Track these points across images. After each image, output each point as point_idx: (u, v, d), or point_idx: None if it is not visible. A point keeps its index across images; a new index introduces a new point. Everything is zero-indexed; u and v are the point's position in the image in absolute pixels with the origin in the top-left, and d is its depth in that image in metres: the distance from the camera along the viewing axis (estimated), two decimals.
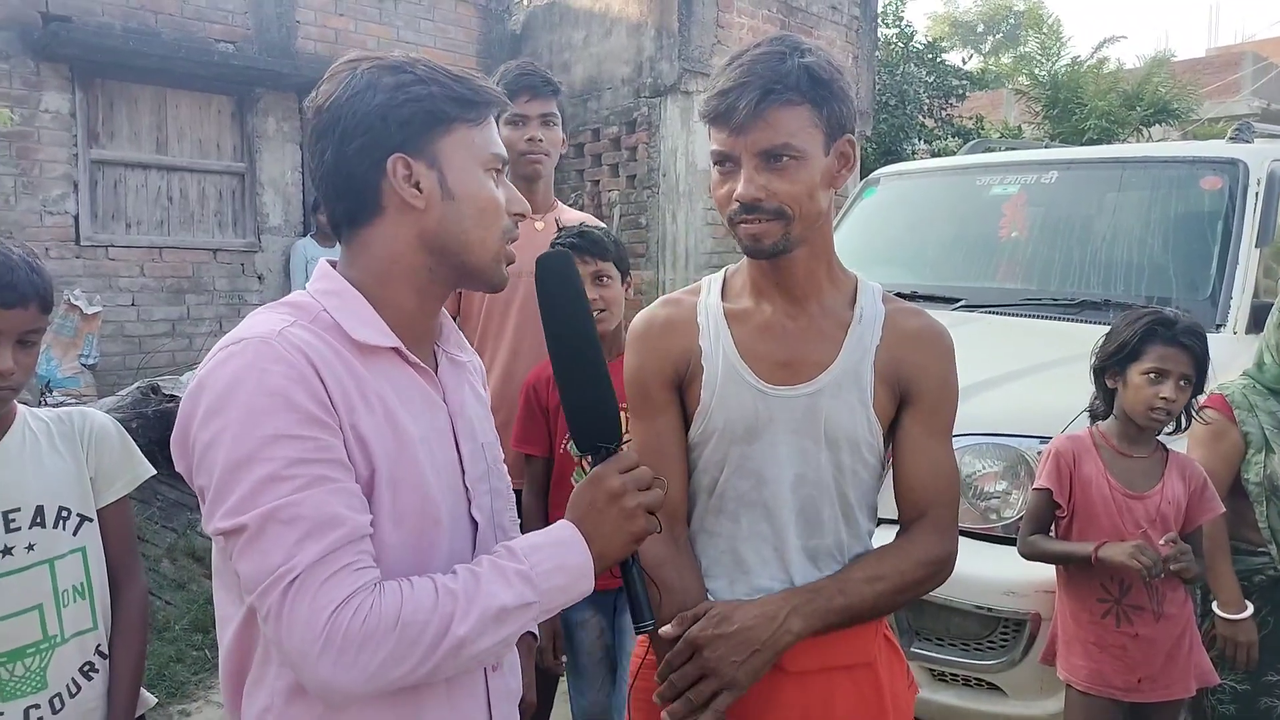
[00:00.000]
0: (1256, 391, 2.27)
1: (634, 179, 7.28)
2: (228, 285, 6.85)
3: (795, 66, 1.23)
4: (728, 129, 1.25)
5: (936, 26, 24.19)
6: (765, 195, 1.24)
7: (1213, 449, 2.24)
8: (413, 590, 0.93)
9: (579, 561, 1.02)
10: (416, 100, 1.03)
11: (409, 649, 0.91)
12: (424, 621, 0.92)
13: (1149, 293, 3.18)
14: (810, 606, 1.27)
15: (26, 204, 6.00)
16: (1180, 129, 10.94)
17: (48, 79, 6.03)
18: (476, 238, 1.07)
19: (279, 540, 0.90)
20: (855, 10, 8.33)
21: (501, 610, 0.96)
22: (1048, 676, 2.21)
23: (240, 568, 0.93)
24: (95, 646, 1.53)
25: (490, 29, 8.17)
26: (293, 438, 0.92)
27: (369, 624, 0.89)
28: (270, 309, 1.05)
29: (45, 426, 1.53)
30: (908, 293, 3.40)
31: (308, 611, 0.89)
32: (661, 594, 1.32)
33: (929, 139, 11.00)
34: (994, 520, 2.44)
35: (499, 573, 0.98)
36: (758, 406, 1.34)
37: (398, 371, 1.06)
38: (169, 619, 3.75)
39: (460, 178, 1.05)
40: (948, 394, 1.39)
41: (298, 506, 0.91)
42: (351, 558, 0.92)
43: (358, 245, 1.08)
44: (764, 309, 1.37)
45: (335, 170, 1.04)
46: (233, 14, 6.74)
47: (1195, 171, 3.43)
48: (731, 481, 1.36)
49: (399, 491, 1.01)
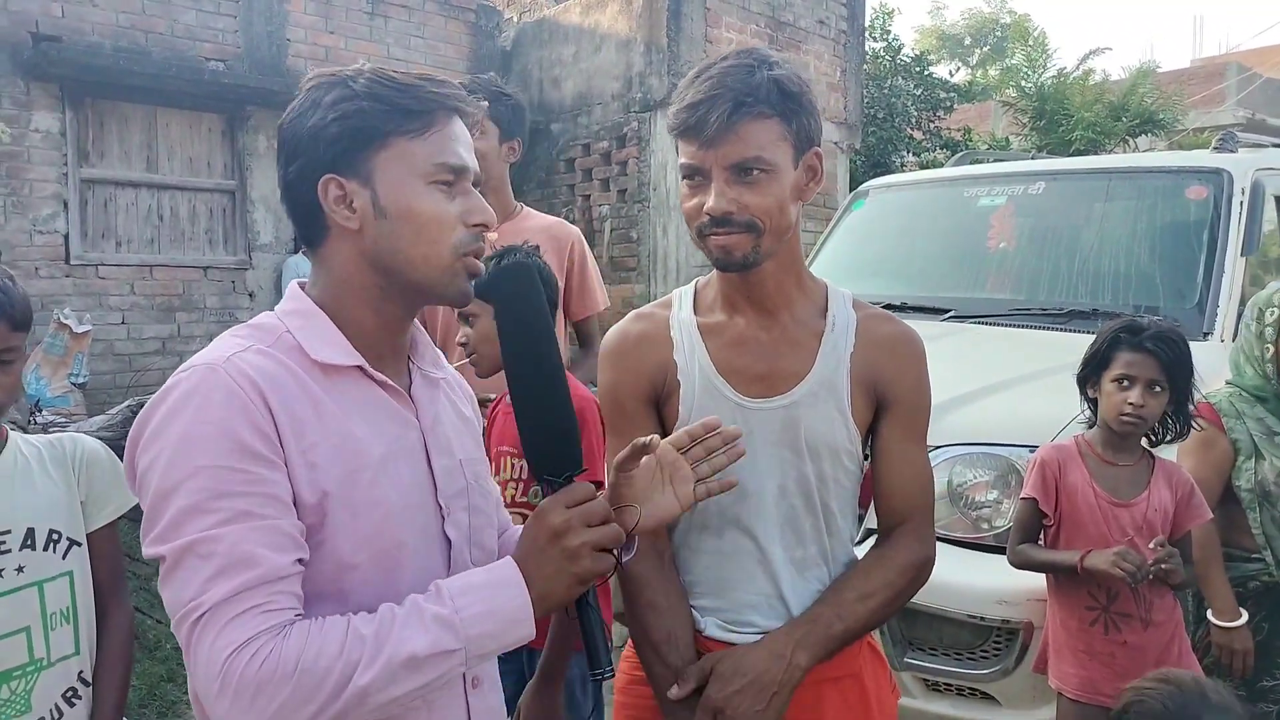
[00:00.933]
0: (1242, 399, 2.29)
1: (624, 193, 7.31)
2: (218, 303, 6.85)
3: (765, 79, 1.23)
4: (698, 142, 1.24)
5: (924, 40, 24.39)
6: (736, 208, 1.24)
7: (1203, 457, 2.25)
8: (320, 634, 0.90)
9: (514, 605, 0.96)
10: (345, 117, 1.01)
11: (308, 697, 0.88)
12: (325, 669, 0.88)
13: (1136, 302, 3.20)
14: (812, 638, 1.28)
15: (16, 223, 5.99)
16: (1166, 139, 11.04)
17: (38, 98, 6.04)
18: (419, 254, 1.03)
19: (193, 574, 0.90)
20: (843, 24, 8.40)
21: (411, 659, 0.91)
22: (1041, 685, 2.21)
23: (163, 595, 0.93)
24: (78, 673, 1.52)
25: (480, 45, 8.21)
26: (222, 469, 0.91)
27: (264, 669, 0.87)
28: (233, 332, 1.04)
29: (37, 451, 1.53)
30: (897, 304, 3.42)
31: (208, 651, 0.88)
32: (650, 614, 1.32)
33: (917, 151, 11.08)
34: (985, 530, 2.45)
35: (417, 616, 0.93)
36: (736, 420, 1.33)
37: (361, 390, 1.04)
38: (159, 638, 3.73)
39: (395, 195, 1.02)
40: (922, 398, 1.39)
41: (215, 543, 0.90)
42: (262, 599, 0.90)
43: (318, 264, 1.08)
44: (737, 322, 1.37)
45: (285, 193, 1.05)
46: (223, 33, 6.77)
47: (1180, 181, 3.45)
48: (714, 497, 1.36)
49: (357, 513, 0.99)
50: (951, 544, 2.42)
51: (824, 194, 8.01)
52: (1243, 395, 2.29)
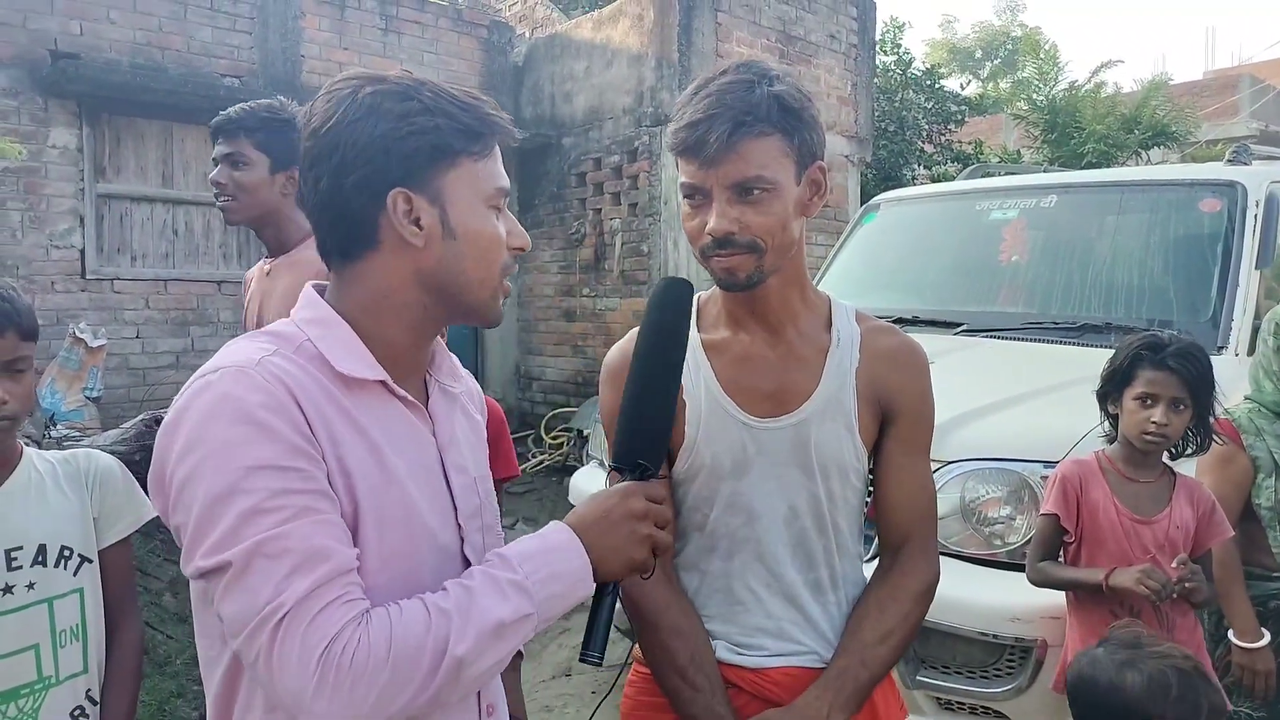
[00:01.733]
0: (1262, 415, 2.26)
1: (635, 207, 7.33)
2: (232, 317, 6.88)
3: (765, 96, 1.20)
4: (698, 161, 1.22)
5: (935, 53, 24.39)
6: (739, 229, 1.21)
7: (1222, 474, 2.22)
8: (401, 617, 0.89)
9: (576, 566, 0.98)
10: (422, 133, 0.97)
11: (407, 678, 0.87)
12: (417, 647, 0.87)
13: (1150, 315, 3.18)
14: (844, 696, 1.26)
15: (33, 238, 6.05)
16: (1179, 151, 10.98)
17: (55, 115, 6.11)
18: (476, 277, 1.02)
19: (266, 576, 0.86)
20: (853, 38, 8.41)
21: (499, 626, 0.91)
22: (1056, 703, 2.18)
23: (224, 609, 0.88)
24: (86, 691, 1.52)
25: (493, 61, 8.26)
26: (275, 468, 0.88)
27: (358, 659, 0.85)
28: (250, 338, 1.01)
29: (51, 467, 1.54)
30: (909, 318, 3.41)
31: (299, 650, 0.84)
32: (674, 639, 1.31)
33: (928, 164, 11.06)
34: (998, 546, 2.42)
35: (493, 585, 0.93)
36: (745, 441, 1.32)
37: (383, 405, 1.01)
38: (170, 653, 3.73)
39: (463, 215, 1.00)
40: (925, 411, 1.38)
41: (284, 540, 0.86)
42: (340, 590, 0.88)
43: (349, 276, 1.03)
44: (742, 339, 1.35)
45: (330, 200, 0.99)
46: (238, 49, 6.83)
47: (1194, 194, 3.44)
48: (723, 519, 1.34)
49: (385, 529, 0.96)
50: (964, 560, 2.40)
51: (835, 208, 8.00)
52: (1262, 411, 2.26)
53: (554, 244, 8.09)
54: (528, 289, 8.41)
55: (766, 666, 1.33)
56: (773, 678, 1.32)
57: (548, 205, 8.17)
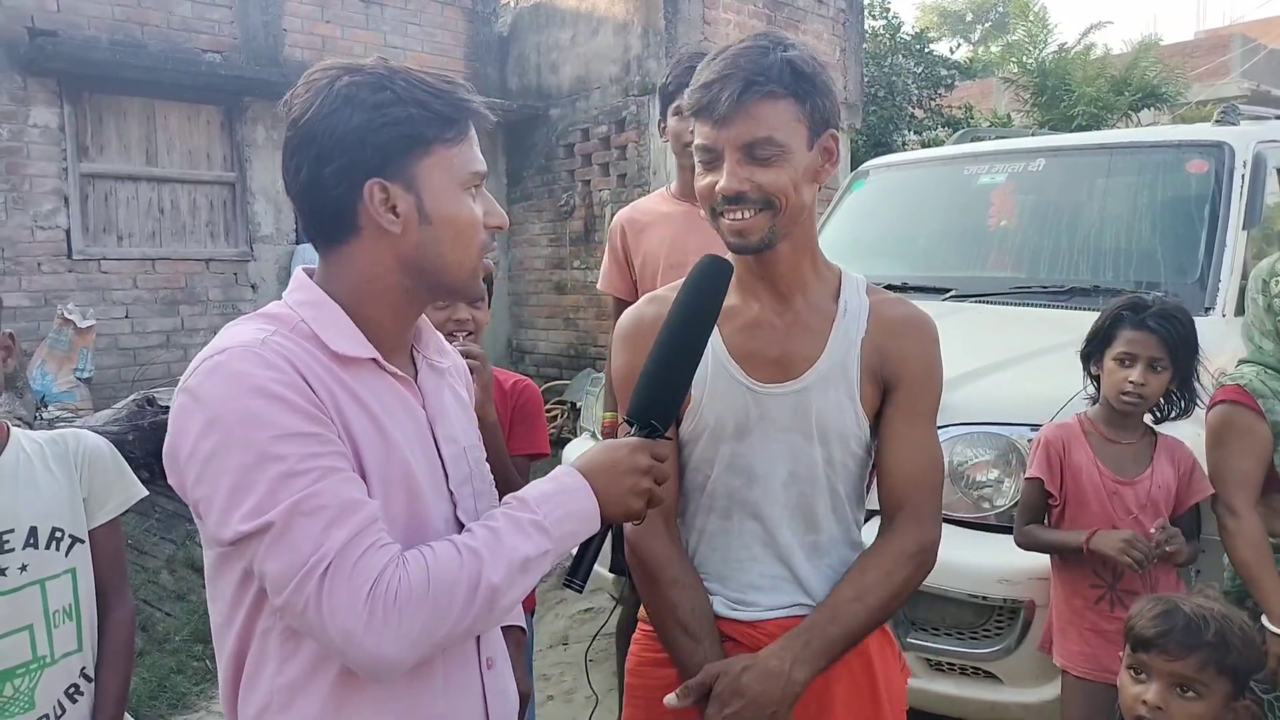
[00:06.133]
0: (1271, 376, 2.10)
1: (624, 177, 7.29)
2: (221, 295, 6.86)
3: (778, 60, 1.23)
4: (710, 122, 1.25)
5: (924, 17, 24.22)
6: (749, 187, 1.24)
7: (1241, 446, 2.05)
8: (434, 556, 0.96)
9: (587, 506, 1.06)
10: (396, 123, 1.01)
11: (446, 607, 0.94)
12: (453, 579, 0.95)
13: (1138, 278, 3.19)
14: (810, 650, 1.27)
15: (17, 219, 6.00)
16: (1170, 113, 10.95)
17: (35, 94, 6.04)
18: (454, 259, 1.07)
19: (306, 531, 0.92)
20: (841, 3, 8.34)
21: (526, 561, 1.00)
22: (1044, 663, 2.22)
23: (268, 567, 0.93)
24: (80, 669, 1.53)
25: (477, 32, 8.17)
26: (300, 435, 0.94)
27: (401, 595, 0.93)
28: (247, 320, 1.05)
29: (39, 448, 1.54)
30: (898, 284, 3.41)
31: (347, 592, 0.91)
32: (675, 590, 1.35)
33: (919, 130, 11.01)
34: (986, 509, 2.45)
35: (516, 525, 1.01)
36: (749, 404, 1.34)
37: (376, 381, 1.07)
38: (169, 630, 3.76)
39: (438, 201, 1.04)
40: (931, 380, 1.39)
41: (318, 497, 0.93)
42: (375, 536, 0.95)
43: (334, 261, 1.08)
44: (751, 306, 1.37)
45: (311, 189, 1.03)
46: (219, 24, 6.74)
47: (1181, 156, 3.43)
48: (723, 479, 1.37)
49: (390, 495, 1.02)
50: (953, 524, 2.42)
51: None
52: (1268, 372, 2.11)
53: (544, 216, 8.06)
54: (518, 262, 8.38)
55: (761, 619, 1.37)
56: (767, 629, 1.35)
57: (536, 178, 8.12)
